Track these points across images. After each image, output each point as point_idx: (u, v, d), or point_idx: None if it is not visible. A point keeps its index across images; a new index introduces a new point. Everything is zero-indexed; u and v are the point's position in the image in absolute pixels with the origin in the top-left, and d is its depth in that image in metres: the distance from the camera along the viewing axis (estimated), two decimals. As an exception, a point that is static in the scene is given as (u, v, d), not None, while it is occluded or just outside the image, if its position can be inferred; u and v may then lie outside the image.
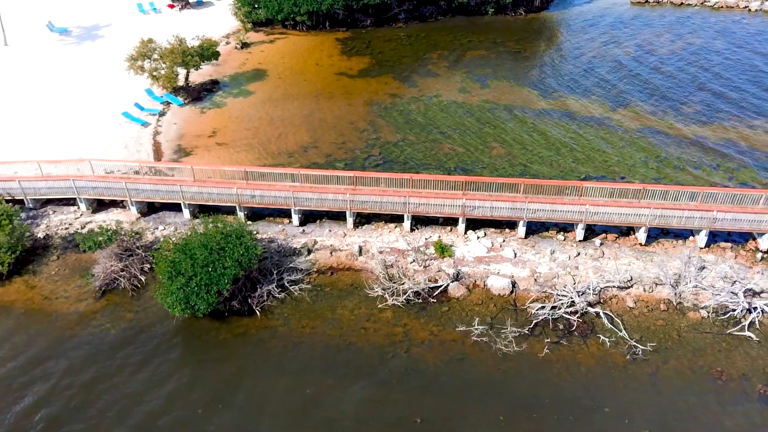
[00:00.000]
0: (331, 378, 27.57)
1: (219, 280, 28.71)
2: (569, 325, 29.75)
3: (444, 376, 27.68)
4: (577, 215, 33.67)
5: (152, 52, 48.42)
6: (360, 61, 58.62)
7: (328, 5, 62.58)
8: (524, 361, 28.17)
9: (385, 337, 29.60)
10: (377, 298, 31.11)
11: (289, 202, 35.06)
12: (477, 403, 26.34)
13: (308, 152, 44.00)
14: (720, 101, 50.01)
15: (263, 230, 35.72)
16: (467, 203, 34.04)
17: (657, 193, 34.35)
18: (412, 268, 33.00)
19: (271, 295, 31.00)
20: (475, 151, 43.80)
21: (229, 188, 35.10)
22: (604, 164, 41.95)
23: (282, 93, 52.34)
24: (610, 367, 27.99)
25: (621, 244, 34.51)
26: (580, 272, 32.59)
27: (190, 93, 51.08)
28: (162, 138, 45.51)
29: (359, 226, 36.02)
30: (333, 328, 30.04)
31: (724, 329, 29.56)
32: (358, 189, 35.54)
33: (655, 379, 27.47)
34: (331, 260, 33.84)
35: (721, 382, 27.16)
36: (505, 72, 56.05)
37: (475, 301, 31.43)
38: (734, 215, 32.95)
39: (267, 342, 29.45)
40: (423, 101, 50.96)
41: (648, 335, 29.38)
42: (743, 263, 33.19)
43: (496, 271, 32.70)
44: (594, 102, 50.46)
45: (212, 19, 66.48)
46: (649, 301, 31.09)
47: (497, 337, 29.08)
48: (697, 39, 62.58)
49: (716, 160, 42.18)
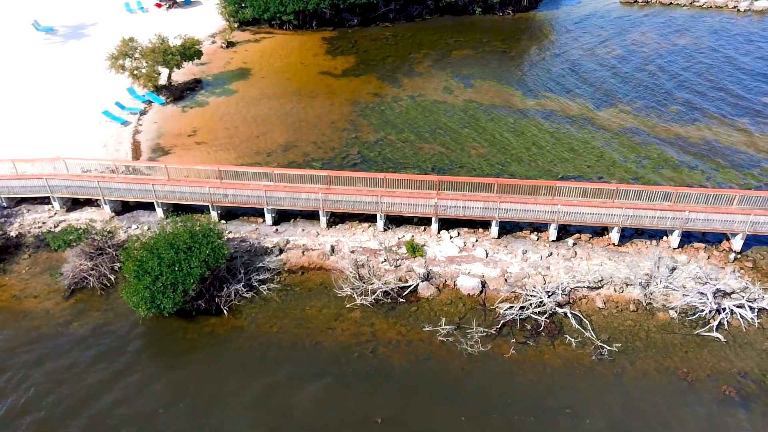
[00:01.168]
0: (294, 377, 27.49)
1: (185, 280, 28.64)
2: (537, 326, 29.63)
3: (409, 376, 27.57)
4: (550, 215, 33.54)
5: (133, 51, 48.34)
6: (345, 61, 58.52)
7: (315, 4, 62.53)
8: (490, 362, 28.05)
9: (353, 337, 29.50)
10: (346, 298, 31.00)
11: (261, 202, 34.98)
12: (440, 404, 26.23)
13: (287, 151, 43.91)
14: (703, 101, 49.84)
15: (236, 229, 35.67)
16: (439, 203, 33.93)
17: (631, 193, 34.18)
18: (384, 268, 32.89)
19: (239, 295, 30.87)
20: (454, 151, 43.69)
21: (201, 187, 35.00)
22: (582, 164, 41.81)
23: (264, 92, 52.27)
24: (576, 367, 27.86)
25: (594, 244, 34.38)
26: (552, 272, 32.46)
27: (173, 92, 51.01)
28: (141, 137, 45.46)
29: (333, 226, 35.93)
30: (300, 328, 29.96)
31: (692, 330, 29.43)
32: (331, 188, 35.44)
33: (621, 379, 27.33)
34: (303, 260, 33.75)
35: (687, 383, 27.03)
36: (490, 72, 55.91)
37: (445, 300, 31.32)
38: (707, 215, 32.80)
39: (233, 341, 29.36)
40: (405, 101, 50.84)
41: (616, 336, 29.24)
42: (716, 264, 33.02)
43: (467, 271, 32.59)
44: (577, 102, 50.31)
45: (199, 19, 66.45)
46: (619, 302, 30.95)
47: (464, 338, 28.94)
48: (684, 39, 62.41)
49: (695, 160, 42.03)
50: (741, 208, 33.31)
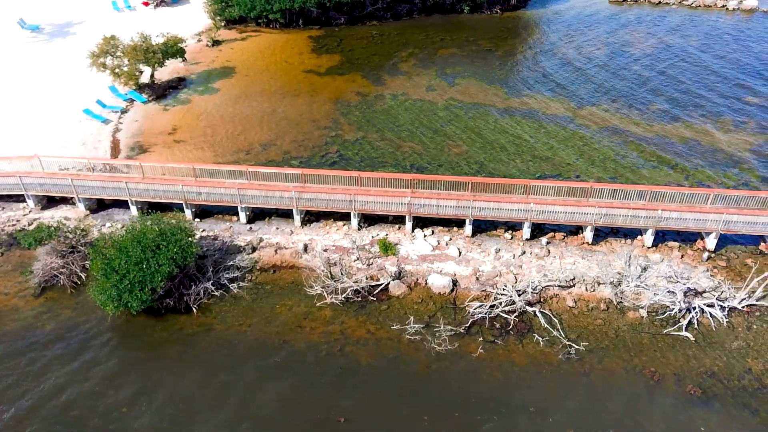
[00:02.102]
0: (260, 376, 27.41)
1: (152, 278, 28.54)
2: (506, 325, 29.53)
3: (376, 375, 27.48)
4: (523, 214, 33.45)
5: (115, 49, 48.26)
6: (330, 59, 58.44)
7: (301, 3, 62.46)
8: (457, 360, 27.95)
9: (321, 336, 29.41)
10: (316, 297, 30.92)
11: (234, 200, 34.89)
12: (404, 403, 26.13)
13: (267, 150, 43.84)
14: (686, 100, 49.72)
15: (210, 228, 35.61)
16: (412, 201, 33.82)
17: (605, 191, 34.07)
18: (356, 267, 32.80)
19: (209, 293, 30.79)
20: (434, 150, 43.59)
21: (174, 185, 34.91)
22: (561, 163, 41.69)
23: (247, 90, 52.19)
24: (543, 366, 27.76)
25: (568, 243, 34.27)
26: (524, 271, 32.36)
27: (155, 90, 50.96)
28: (121, 135, 45.40)
29: (308, 224, 35.85)
30: (269, 326, 29.88)
31: (662, 329, 29.29)
32: (306, 187, 35.36)
33: (588, 378, 27.23)
34: (275, 258, 33.67)
35: (653, 382, 26.92)
36: (475, 70, 55.80)
37: (416, 299, 31.22)
38: (680, 214, 32.68)
39: (201, 339, 29.30)
40: (388, 99, 50.76)
41: (585, 335, 29.14)
42: (689, 263, 32.89)
43: (438, 270, 32.48)
44: (560, 101, 50.20)
45: (187, 17, 66.40)
46: (590, 301, 30.85)
47: (432, 336, 28.85)
48: (671, 38, 62.28)
49: (675, 159, 41.91)
50: (715, 207, 33.19)
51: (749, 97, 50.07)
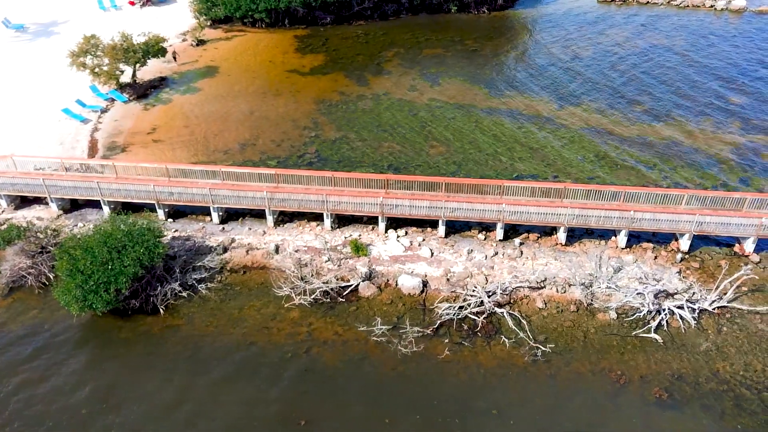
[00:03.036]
0: (224, 377, 27.21)
1: (117, 279, 28.33)
2: (474, 326, 29.28)
3: (340, 377, 27.26)
4: (495, 214, 33.21)
5: (95, 48, 48.06)
6: (314, 59, 58.24)
7: (286, 3, 62.26)
8: (423, 362, 27.73)
9: (288, 337, 29.21)
10: (284, 298, 30.70)
11: (207, 200, 34.68)
12: (366, 405, 25.92)
13: (245, 150, 43.63)
14: (670, 101, 49.49)
15: (182, 228, 35.42)
16: (385, 202, 33.61)
17: (579, 192, 33.84)
18: (327, 267, 32.58)
19: (176, 294, 30.58)
20: (413, 150, 43.37)
21: (146, 185, 34.71)
22: (540, 163, 41.46)
23: (229, 90, 52.00)
24: (510, 368, 27.53)
25: (542, 244, 34.04)
26: (495, 272, 32.13)
27: (136, 90, 50.77)
28: (100, 135, 45.22)
29: (281, 225, 35.65)
30: (236, 328, 29.67)
31: (631, 331, 29.04)
32: (279, 187, 35.16)
33: (554, 380, 27.00)
34: (246, 259, 33.46)
35: (619, 385, 26.66)
36: (459, 70, 55.57)
37: (385, 300, 31.01)
38: (653, 215, 32.45)
39: (167, 341, 29.10)
40: (370, 99, 50.54)
41: (554, 336, 28.91)
42: (663, 264, 32.66)
43: (410, 271, 32.27)
44: (543, 101, 49.96)
45: (173, 17, 66.24)
46: (561, 302, 30.62)
47: (399, 338, 28.61)
48: (657, 38, 62.04)
49: (654, 160, 41.67)
50: (689, 208, 32.96)
51: (733, 97, 49.85)
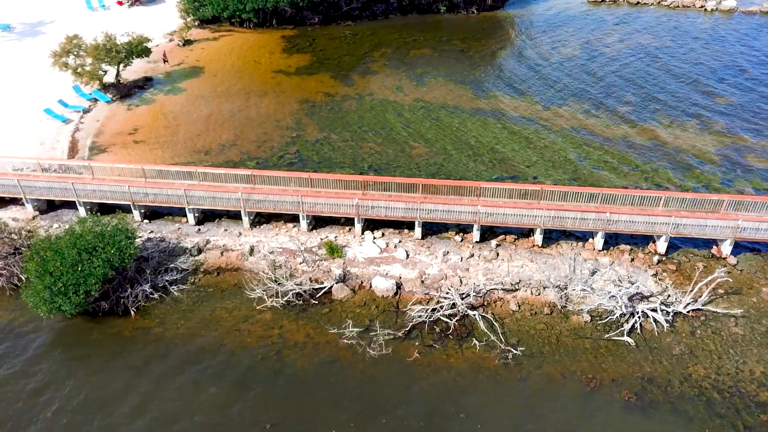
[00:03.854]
0: (193, 379, 27.01)
1: (86, 281, 28.13)
2: (446, 329, 29.06)
3: (310, 380, 27.06)
4: (471, 216, 33.00)
5: (77, 48, 47.89)
6: (300, 59, 58.09)
7: (273, 3, 62.13)
8: (393, 365, 27.52)
9: (259, 339, 29.01)
10: (256, 300, 30.48)
11: (182, 201, 34.48)
12: (334, 408, 25.71)
13: (226, 150, 43.44)
14: (656, 102, 49.32)
15: (158, 229, 35.23)
16: (361, 203, 33.41)
17: (556, 194, 33.62)
18: (302, 269, 32.38)
19: (147, 296, 30.38)
20: (395, 151, 43.17)
21: (121, 186, 34.53)
22: (522, 164, 41.25)
23: (214, 90, 51.85)
24: (481, 371, 27.32)
25: (518, 245, 33.82)
26: (470, 274, 31.91)
27: (120, 90, 50.63)
28: (81, 135, 45.06)
29: (257, 226, 35.45)
30: (208, 330, 29.48)
31: (604, 334, 28.81)
32: (256, 188, 34.98)
33: (525, 384, 26.78)
34: (221, 260, 33.27)
35: (590, 389, 26.44)
36: (445, 71, 55.38)
37: (359, 302, 30.81)
38: (629, 217, 32.24)
39: (138, 342, 28.90)
40: (355, 100, 50.36)
41: (526, 339, 28.70)
42: (639, 266, 32.44)
43: (385, 273, 32.07)
44: (528, 102, 49.76)
45: (161, 17, 66.16)
46: (535, 305, 30.40)
47: (370, 341, 28.40)
48: (646, 39, 61.87)
49: (637, 161, 41.43)
50: (667, 210, 32.75)
51: (719, 98, 49.62)
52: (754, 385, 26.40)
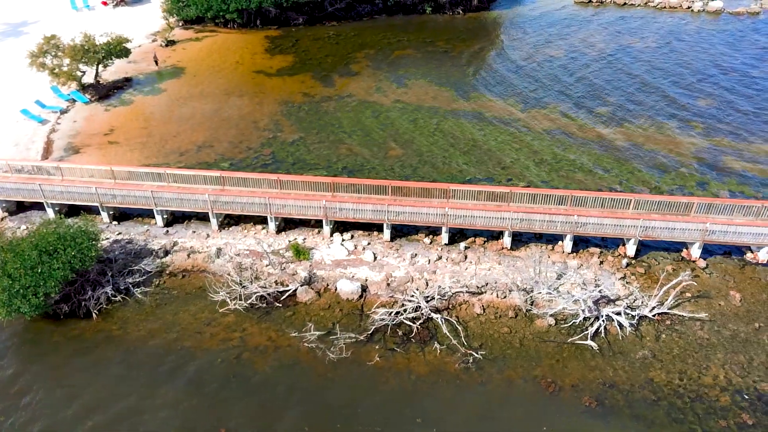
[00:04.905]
0: (151, 382, 26.81)
1: (46, 283, 27.91)
2: (409, 332, 28.81)
3: (269, 384, 26.84)
4: (440, 218, 32.77)
5: (55, 49, 47.71)
6: (283, 60, 57.90)
7: (257, 3, 61.94)
8: (354, 369, 27.28)
9: (220, 342, 28.79)
10: (219, 303, 30.26)
11: (149, 203, 34.27)
12: (290, 413, 25.49)
13: (201, 151, 43.25)
14: (635, 104, 49.05)
15: (127, 231, 35.05)
16: (328, 205, 33.18)
17: (525, 196, 33.36)
18: (267, 272, 32.16)
19: (109, 298, 30.18)
20: (371, 152, 42.94)
21: (88, 187, 34.34)
22: (497, 166, 41.00)
23: (193, 91, 51.66)
24: (441, 375, 27.06)
25: (488, 248, 33.57)
26: (437, 277, 31.66)
27: (99, 90, 50.47)
28: (56, 136, 44.89)
29: (226, 228, 35.23)
30: (169, 332, 29.27)
31: (568, 338, 28.55)
32: (225, 190, 34.77)
33: (485, 388, 26.53)
34: (187, 262, 33.07)
35: (550, 393, 26.17)
36: (427, 72, 55.17)
37: (323, 305, 30.58)
38: (598, 220, 31.95)
39: (98, 345, 28.72)
40: (335, 101, 50.15)
41: (489, 343, 28.45)
42: (608, 269, 32.18)
43: (351, 275, 31.84)
44: (508, 103, 49.51)
45: (145, 17, 66.02)
46: (500, 308, 30.15)
47: (332, 344, 28.16)
48: (631, 40, 61.61)
49: (612, 163, 41.18)
50: (637, 212, 32.49)
51: (700, 100, 49.33)
52: (716, 390, 26.13)
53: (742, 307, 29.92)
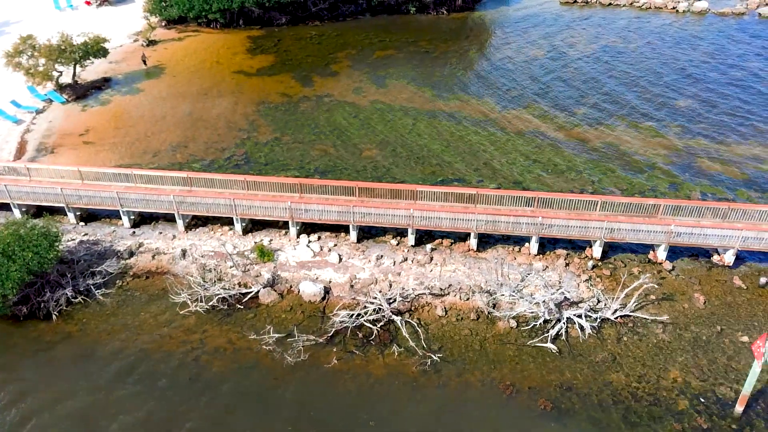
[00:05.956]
0: (107, 384, 26.66)
1: (3, 284, 27.78)
2: (370, 334, 28.65)
3: (225, 386, 26.69)
4: (405, 220, 32.61)
5: (32, 49, 47.57)
6: (263, 60, 57.76)
7: (239, 3, 61.77)
8: (312, 372, 27.13)
9: (181, 344, 28.65)
10: (180, 304, 30.12)
11: (115, 203, 34.13)
12: (241, 416, 25.33)
13: (175, 152, 43.10)
14: (614, 104, 48.89)
15: (94, 231, 34.91)
16: (294, 206, 33.04)
17: (492, 197, 33.20)
18: (231, 273, 32.01)
19: (69, 300, 30.04)
20: (346, 153, 42.78)
21: (54, 188, 34.21)
22: (469, 168, 40.81)
23: (172, 91, 51.53)
24: (400, 378, 26.91)
25: (454, 250, 33.40)
26: (401, 278, 31.51)
27: (77, 90, 50.34)
28: (31, 136, 44.75)
29: (194, 229, 35.08)
30: (129, 334, 29.12)
31: (529, 340, 28.37)
32: (192, 191, 34.65)
33: (442, 391, 26.36)
34: (152, 264, 32.92)
35: (507, 396, 26.01)
36: (407, 72, 55.00)
37: (285, 307, 30.43)
38: (564, 222, 31.77)
39: (56, 347, 28.59)
40: (313, 101, 50.00)
41: (449, 345, 28.29)
42: (573, 272, 32.01)
43: (315, 277, 31.68)
44: (486, 103, 49.34)
45: (128, 17, 65.86)
46: (462, 310, 29.99)
47: (291, 346, 28.01)
48: (614, 40, 61.43)
49: (584, 164, 41.00)
50: (603, 214, 32.33)
51: (679, 101, 49.17)
52: (674, 393, 25.96)
53: (705, 310, 29.73)
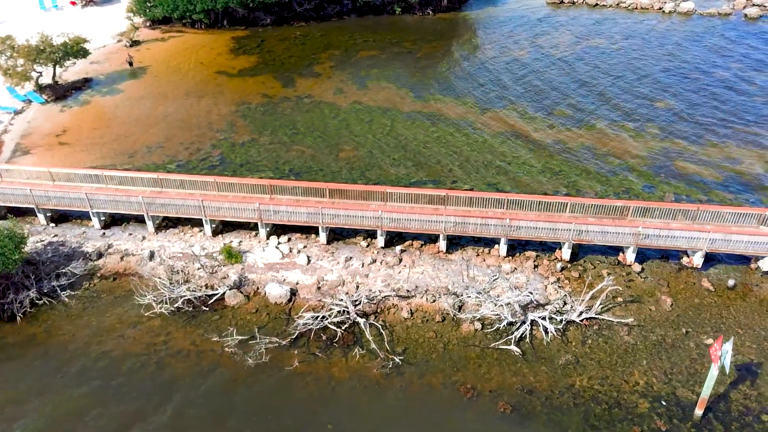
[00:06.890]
0: (65, 387, 26.55)
1: (-35, 286, 27.71)
2: (333, 337, 28.54)
3: (185, 389, 26.59)
4: (374, 221, 32.50)
5: (10, 49, 47.50)
6: (246, 60, 57.67)
7: (224, 3, 61.73)
8: (273, 374, 27.02)
9: (144, 346, 28.55)
10: (144, 306, 30.02)
11: (85, 204, 34.05)
12: (199, 419, 25.21)
13: (151, 152, 43.01)
14: (595, 106, 48.76)
15: (63, 233, 34.82)
16: (263, 208, 32.94)
17: (462, 199, 33.08)
18: (199, 275, 31.90)
19: (33, 302, 29.95)
20: (322, 154, 42.67)
21: (23, 189, 34.13)
22: (444, 169, 40.68)
23: (152, 92, 51.45)
24: (362, 380, 26.79)
25: (423, 251, 33.29)
26: (369, 280, 31.40)
27: (57, 91, 50.28)
28: (7, 137, 44.69)
29: (164, 230, 34.99)
30: (93, 336, 29.04)
31: (493, 342, 28.26)
32: (163, 192, 34.56)
33: (404, 394, 26.25)
34: (120, 265, 32.84)
35: (467, 399, 25.89)
36: (389, 73, 54.88)
37: (251, 309, 30.32)
38: (532, 224, 31.65)
39: (19, 349, 28.46)
40: (293, 102, 49.92)
41: (413, 348, 28.18)
42: (542, 274, 31.89)
43: (283, 279, 31.58)
44: (466, 105, 49.21)
45: (113, 17, 65.77)
46: (428, 312, 29.86)
47: (253, 348, 27.90)
48: (598, 41, 61.32)
49: (561, 166, 40.86)
50: (572, 216, 32.21)
51: (659, 102, 49.03)
52: (636, 395, 25.84)
53: (672, 312, 29.62)
